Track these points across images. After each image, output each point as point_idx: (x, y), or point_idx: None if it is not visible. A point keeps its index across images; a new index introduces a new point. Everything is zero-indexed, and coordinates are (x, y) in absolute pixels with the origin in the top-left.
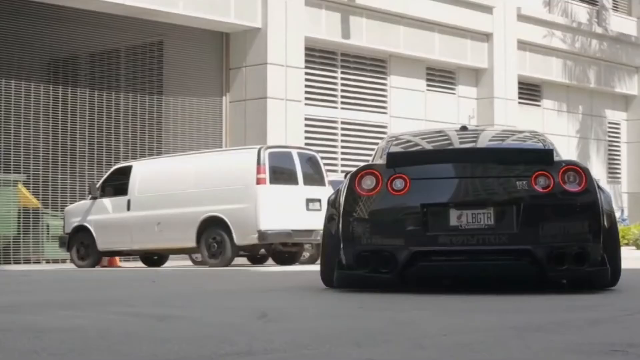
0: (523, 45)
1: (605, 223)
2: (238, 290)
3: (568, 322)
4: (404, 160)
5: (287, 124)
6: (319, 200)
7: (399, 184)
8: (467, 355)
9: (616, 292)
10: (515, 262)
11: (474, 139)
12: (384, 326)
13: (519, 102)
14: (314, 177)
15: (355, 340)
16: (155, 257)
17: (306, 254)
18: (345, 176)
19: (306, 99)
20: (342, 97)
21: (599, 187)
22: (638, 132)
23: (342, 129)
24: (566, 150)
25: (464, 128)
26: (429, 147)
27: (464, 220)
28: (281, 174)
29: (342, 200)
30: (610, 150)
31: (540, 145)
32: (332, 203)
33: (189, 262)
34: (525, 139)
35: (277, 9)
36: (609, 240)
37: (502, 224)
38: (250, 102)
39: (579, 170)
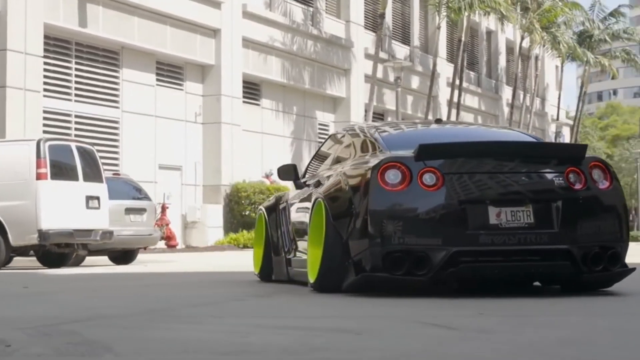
0: (247, 43)
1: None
2: (268, 294)
3: None
4: (436, 153)
5: (26, 116)
6: (98, 198)
7: (429, 178)
8: None
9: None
10: (555, 262)
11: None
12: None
13: (243, 101)
14: (92, 173)
15: None
16: None
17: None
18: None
19: (43, 90)
20: (76, 89)
21: None
22: None
23: (76, 122)
24: (282, 151)
25: (438, 121)
26: (457, 139)
27: (504, 218)
28: (61, 168)
29: (362, 195)
30: None
31: (530, 139)
32: (345, 195)
33: None
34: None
35: None
36: None
37: (542, 222)
38: None
39: (602, 167)
